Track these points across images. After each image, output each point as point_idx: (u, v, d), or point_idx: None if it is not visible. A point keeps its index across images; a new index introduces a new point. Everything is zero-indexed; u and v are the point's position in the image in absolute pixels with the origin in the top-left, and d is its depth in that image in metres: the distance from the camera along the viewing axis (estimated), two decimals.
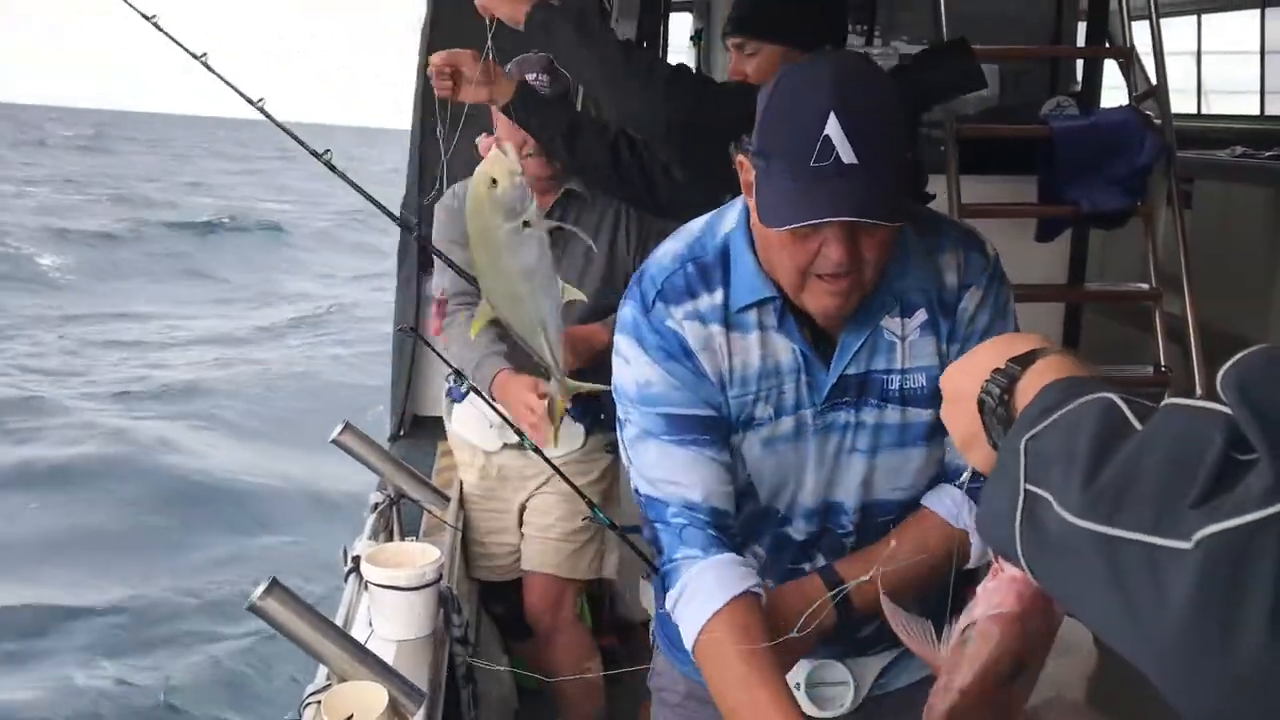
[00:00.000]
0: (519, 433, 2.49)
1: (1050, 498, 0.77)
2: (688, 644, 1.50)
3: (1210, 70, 8.54)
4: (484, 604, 3.16)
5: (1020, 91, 5.13)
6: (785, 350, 1.52)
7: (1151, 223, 3.89)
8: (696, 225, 1.59)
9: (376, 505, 2.61)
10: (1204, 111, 8.62)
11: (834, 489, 1.58)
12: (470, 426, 2.97)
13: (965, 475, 1.52)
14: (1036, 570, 0.81)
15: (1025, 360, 0.95)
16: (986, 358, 0.99)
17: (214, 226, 22.82)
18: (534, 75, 2.63)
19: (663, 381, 1.51)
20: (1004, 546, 0.83)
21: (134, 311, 15.31)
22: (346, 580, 2.30)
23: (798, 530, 1.61)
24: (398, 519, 2.63)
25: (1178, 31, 8.19)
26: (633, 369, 1.54)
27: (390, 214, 2.84)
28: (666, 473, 1.53)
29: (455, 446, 3.08)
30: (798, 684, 1.64)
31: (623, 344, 1.55)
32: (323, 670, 1.87)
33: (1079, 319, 4.48)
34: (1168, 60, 4.12)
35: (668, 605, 1.54)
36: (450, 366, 2.71)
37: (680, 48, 6.43)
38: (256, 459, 9.13)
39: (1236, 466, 0.66)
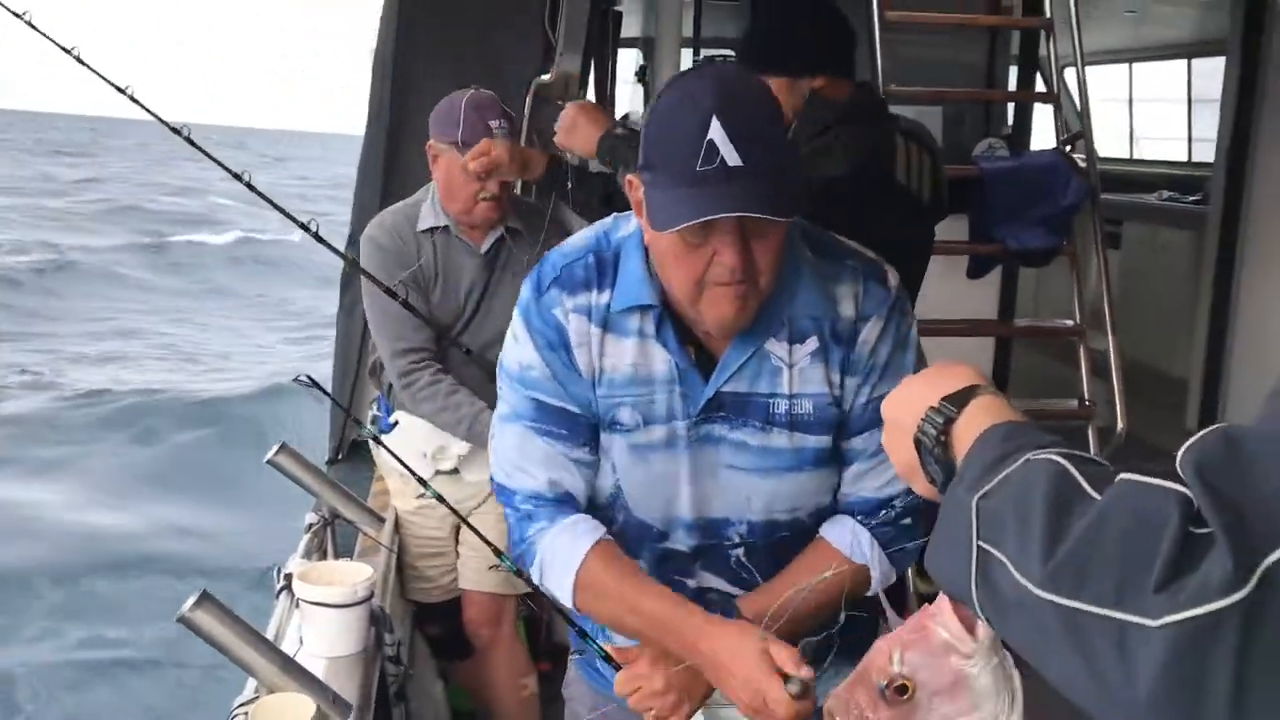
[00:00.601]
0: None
1: (1006, 561, 0.79)
2: (569, 602, 1.56)
3: (1143, 117, 8.82)
4: (419, 626, 3.19)
5: (960, 133, 5.30)
6: (661, 360, 1.53)
7: (1077, 262, 4.02)
8: (608, 221, 1.61)
9: (311, 525, 2.63)
10: (1135, 156, 8.90)
11: (712, 504, 1.57)
12: (402, 455, 2.99)
13: (886, 513, 1.59)
14: (994, 624, 0.83)
15: (960, 399, 0.97)
16: (921, 391, 1.01)
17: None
18: (496, 122, 2.72)
19: (540, 368, 1.55)
20: (959, 597, 0.86)
21: None
22: (278, 598, 2.32)
23: (680, 542, 1.61)
24: (332, 539, 2.66)
25: (1112, 79, 8.46)
26: (519, 349, 1.57)
27: (331, 246, 2.85)
28: (520, 460, 1.58)
29: (386, 474, 3.10)
30: None
31: (516, 322, 1.58)
32: (251, 683, 1.89)
33: (1009, 354, 4.61)
34: (1103, 106, 4.29)
35: (537, 581, 1.59)
36: (386, 399, 2.79)
37: (627, 80, 6.58)
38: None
39: (1194, 543, 0.67)
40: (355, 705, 1.99)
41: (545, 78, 4.09)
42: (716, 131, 1.34)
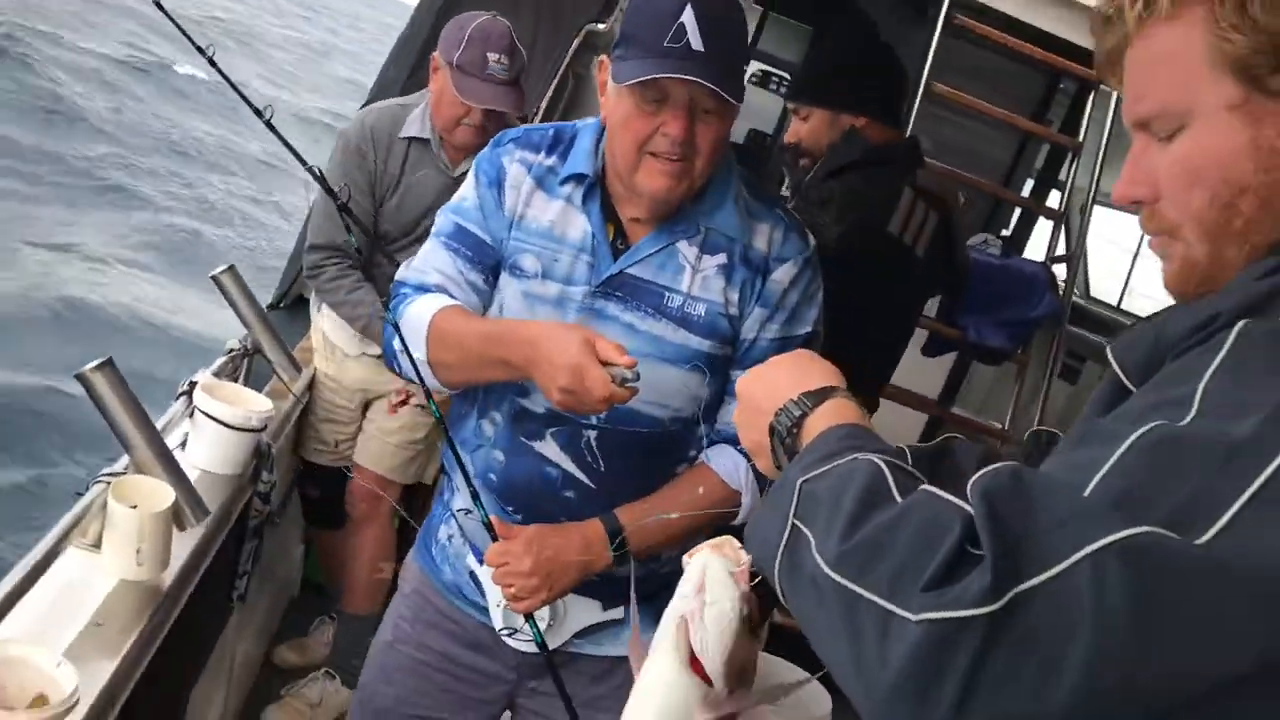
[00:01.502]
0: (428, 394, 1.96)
1: (811, 540, 0.85)
2: (421, 354, 1.66)
3: (1143, 272, 8.98)
4: (300, 485, 3.25)
5: (965, 219, 5.40)
6: (578, 227, 1.68)
7: (1023, 371, 4.15)
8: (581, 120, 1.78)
9: (231, 351, 2.69)
10: (1122, 306, 9.08)
11: None
12: (332, 327, 3.07)
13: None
14: (788, 597, 0.90)
15: (818, 397, 1.05)
16: (784, 381, 1.09)
17: None
18: (496, 56, 2.75)
19: (472, 199, 1.73)
20: (765, 567, 0.93)
21: None
22: (175, 400, 2.38)
23: (537, 404, 1.67)
24: (247, 371, 2.72)
25: (1125, 226, 8.60)
26: (464, 189, 1.75)
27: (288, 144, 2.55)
28: (423, 264, 1.75)
29: (314, 335, 3.17)
30: (499, 603, 1.73)
31: (470, 172, 1.75)
32: (125, 460, 1.96)
33: (937, 431, 4.74)
34: (1108, 248, 4.41)
35: (395, 345, 1.69)
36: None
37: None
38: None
39: (966, 559, 0.74)
40: (213, 516, 2.06)
41: (600, 26, 4.17)
42: (688, 17, 1.51)
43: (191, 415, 2.32)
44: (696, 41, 1.51)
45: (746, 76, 1.78)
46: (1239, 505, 0.71)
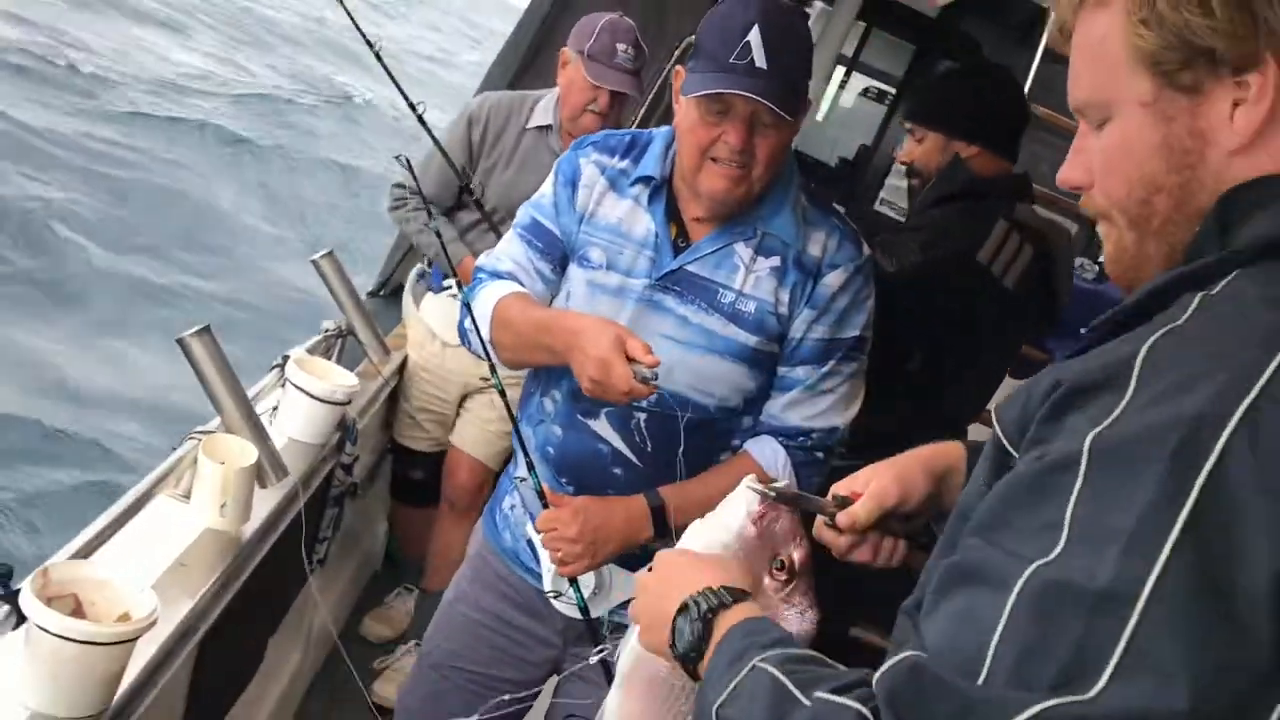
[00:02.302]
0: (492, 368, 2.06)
1: None
2: (486, 330, 1.81)
3: None
4: (399, 467, 3.41)
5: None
6: (643, 225, 1.80)
7: None
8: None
9: (326, 330, 2.87)
10: None
11: None
12: (435, 315, 3.22)
13: (803, 440, 1.80)
14: None
15: (737, 595, 1.05)
16: (709, 571, 1.09)
17: None
18: (623, 47, 2.92)
19: (549, 197, 1.88)
20: None
21: None
22: (269, 372, 2.56)
23: None
24: (340, 351, 2.89)
25: None
26: (544, 186, 1.91)
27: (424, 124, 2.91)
28: (500, 252, 1.91)
29: (411, 324, 3.31)
30: (549, 568, 1.82)
31: (552, 170, 1.90)
32: (216, 420, 2.13)
33: None
34: None
35: (466, 324, 1.86)
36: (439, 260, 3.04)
37: None
38: None
39: None
40: (295, 478, 2.23)
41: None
42: (754, 37, 1.62)
43: (283, 385, 2.49)
44: (760, 59, 1.62)
45: (855, 90, 1.86)
46: (1119, 653, 0.71)
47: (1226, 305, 0.81)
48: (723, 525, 1.17)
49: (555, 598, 1.85)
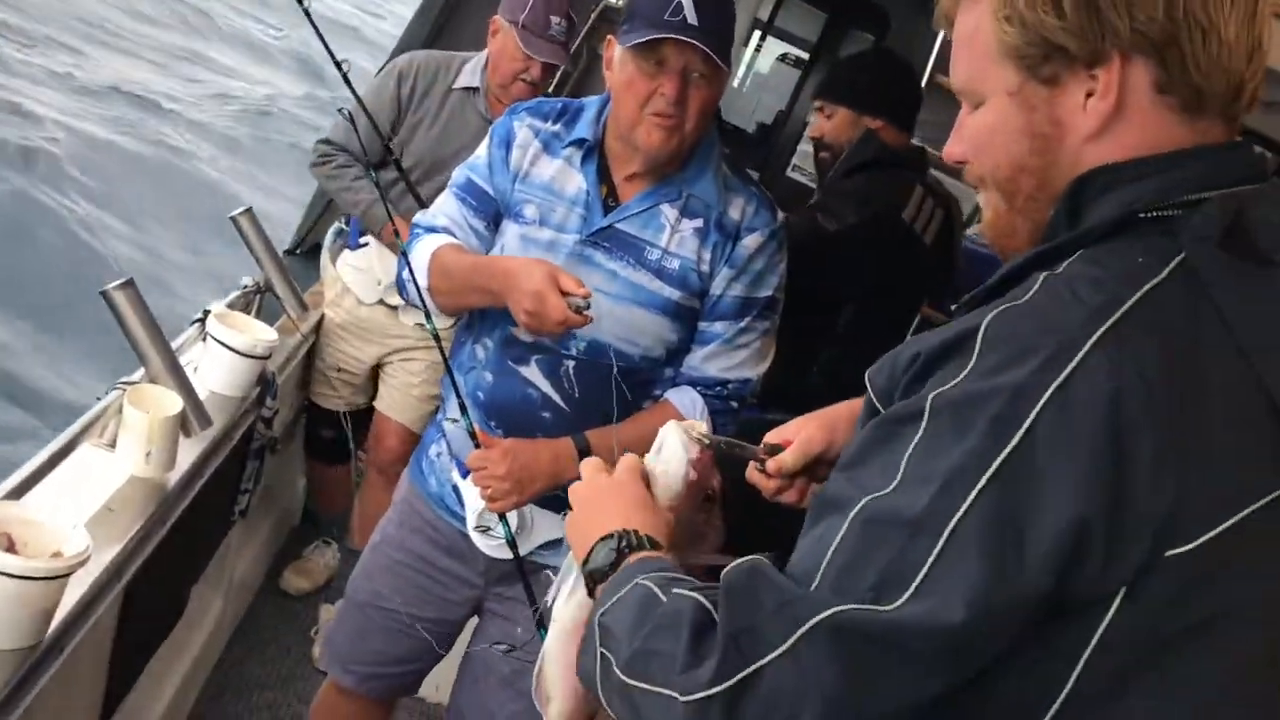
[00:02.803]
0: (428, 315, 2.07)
1: (613, 659, 0.99)
2: (424, 281, 1.92)
3: None
4: (312, 424, 3.46)
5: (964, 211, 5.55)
6: (575, 183, 1.90)
7: None
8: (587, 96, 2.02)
9: (245, 286, 2.90)
10: None
11: None
12: (353, 273, 3.25)
13: (720, 389, 1.93)
14: (613, 711, 1.02)
15: (646, 541, 1.13)
16: (632, 511, 1.18)
17: None
18: (557, 19, 2.97)
19: (484, 158, 1.98)
20: (593, 691, 1.04)
21: None
22: (190, 326, 2.60)
23: (524, 332, 1.86)
24: (259, 307, 2.92)
25: None
26: (480, 148, 2.00)
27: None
28: (436, 210, 2.02)
29: (328, 283, 3.34)
30: (476, 508, 1.94)
31: (488, 134, 1.99)
32: (141, 371, 2.17)
33: None
34: None
35: (404, 274, 1.96)
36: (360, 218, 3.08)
37: None
38: None
39: (706, 643, 0.91)
40: (218, 428, 2.28)
41: (615, 3, 4.35)
42: None
43: (204, 340, 2.53)
44: (691, 16, 1.74)
45: (772, 55, 1.96)
46: (921, 576, 0.84)
47: (1061, 285, 0.90)
48: (672, 475, 1.26)
49: (484, 532, 1.95)
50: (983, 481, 0.84)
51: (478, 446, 1.87)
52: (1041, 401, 0.84)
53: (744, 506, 1.40)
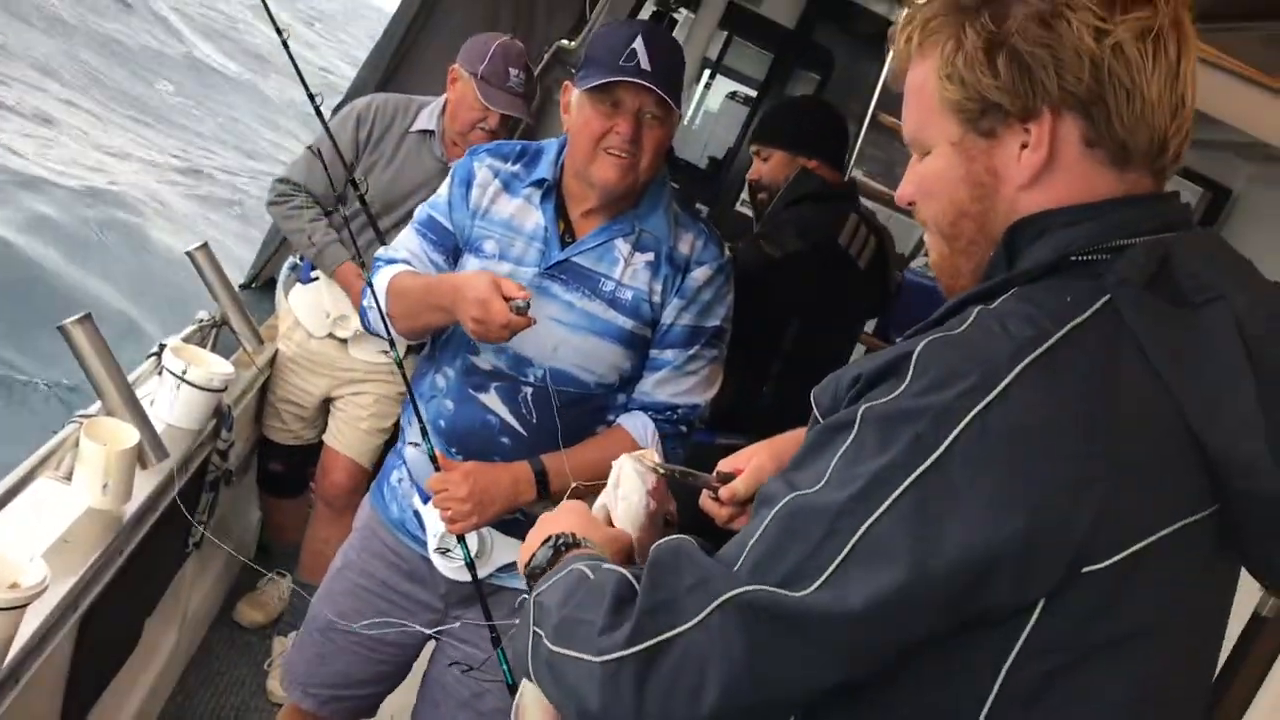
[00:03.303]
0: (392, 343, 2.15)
1: (543, 634, 1.05)
2: (383, 300, 1.99)
3: None
4: (263, 458, 3.48)
5: (908, 244, 5.68)
6: (534, 219, 1.99)
7: None
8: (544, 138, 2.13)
9: (201, 320, 2.93)
10: None
11: (525, 342, 1.91)
12: (303, 307, 3.29)
13: (670, 414, 2.00)
14: (542, 685, 1.07)
15: (594, 546, 1.21)
16: (564, 526, 1.24)
17: None
18: (515, 72, 3.05)
19: (445, 196, 2.06)
20: (524, 673, 1.09)
21: None
22: (146, 360, 2.63)
23: (485, 361, 1.97)
24: (214, 340, 2.96)
25: None
26: (442, 187, 2.08)
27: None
28: (398, 243, 2.09)
29: (282, 316, 3.38)
30: (437, 531, 2.00)
31: (450, 174, 2.07)
32: (98, 404, 2.20)
33: None
34: None
35: (365, 302, 2.03)
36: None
37: None
38: None
39: (624, 612, 0.98)
40: (173, 460, 2.31)
41: (569, 44, 4.44)
42: (639, 45, 1.87)
43: (160, 374, 2.56)
44: (645, 62, 1.86)
45: (721, 93, 2.05)
46: (833, 567, 0.91)
47: (993, 319, 0.96)
48: (633, 506, 1.32)
49: (444, 554, 2.01)
50: (899, 490, 0.91)
51: (439, 469, 1.94)
52: (962, 424, 0.90)
53: (696, 534, 1.47)
